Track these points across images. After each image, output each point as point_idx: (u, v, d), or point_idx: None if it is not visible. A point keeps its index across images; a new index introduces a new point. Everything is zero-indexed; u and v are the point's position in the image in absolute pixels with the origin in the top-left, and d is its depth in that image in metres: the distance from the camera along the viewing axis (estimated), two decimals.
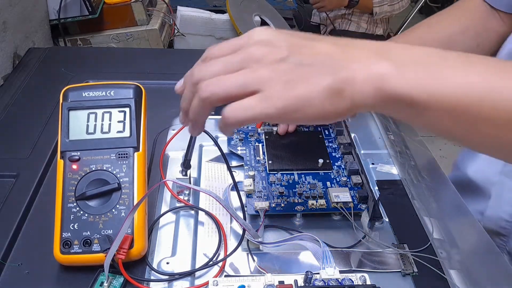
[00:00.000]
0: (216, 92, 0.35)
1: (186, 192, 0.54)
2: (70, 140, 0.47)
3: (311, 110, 0.34)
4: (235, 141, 0.62)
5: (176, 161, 0.59)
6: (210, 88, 0.35)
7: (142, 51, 1.00)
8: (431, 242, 0.49)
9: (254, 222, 0.51)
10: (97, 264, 0.44)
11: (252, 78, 0.34)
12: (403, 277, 0.46)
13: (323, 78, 0.33)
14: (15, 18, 0.83)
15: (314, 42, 0.35)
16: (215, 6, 1.35)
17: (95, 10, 1.03)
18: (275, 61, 0.34)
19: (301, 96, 0.33)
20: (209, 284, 0.41)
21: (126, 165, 0.47)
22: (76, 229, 0.44)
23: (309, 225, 0.52)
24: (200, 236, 0.50)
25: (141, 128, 0.49)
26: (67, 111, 0.48)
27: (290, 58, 0.34)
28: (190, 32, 1.26)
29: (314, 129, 0.64)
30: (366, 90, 0.33)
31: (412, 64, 0.33)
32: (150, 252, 0.48)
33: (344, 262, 0.47)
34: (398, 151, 0.63)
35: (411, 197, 0.55)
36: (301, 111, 0.34)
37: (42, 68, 0.81)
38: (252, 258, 0.47)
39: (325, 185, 0.55)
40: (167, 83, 0.74)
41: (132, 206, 0.45)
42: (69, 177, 0.46)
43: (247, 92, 0.34)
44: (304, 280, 0.41)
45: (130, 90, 0.49)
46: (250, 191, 0.53)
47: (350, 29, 1.84)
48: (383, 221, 0.53)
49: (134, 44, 1.12)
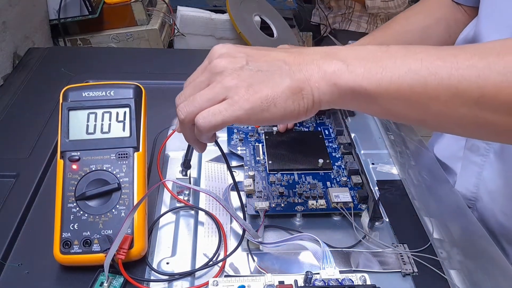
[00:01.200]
0: (190, 111, 0.39)
1: (186, 192, 0.54)
2: (70, 140, 0.47)
3: (276, 109, 0.37)
4: (235, 141, 0.62)
5: (176, 161, 0.59)
6: (185, 109, 0.39)
7: (142, 51, 1.00)
8: (431, 242, 0.49)
9: (254, 222, 0.51)
10: (97, 264, 0.43)
11: (219, 88, 0.38)
12: (403, 277, 0.46)
13: (282, 80, 0.37)
14: (15, 18, 0.83)
15: (269, 52, 0.40)
16: (215, 6, 1.35)
17: (95, 10, 1.03)
18: (236, 69, 0.38)
19: (265, 97, 0.37)
20: (209, 284, 0.41)
21: (126, 165, 0.47)
22: (76, 229, 0.44)
23: (309, 225, 0.52)
24: (200, 236, 0.50)
25: (141, 128, 0.48)
26: (67, 111, 0.48)
27: (249, 65, 0.38)
28: (190, 32, 1.26)
29: (314, 129, 0.64)
30: (323, 87, 0.37)
31: (359, 60, 0.37)
32: (150, 252, 0.48)
33: (344, 262, 0.47)
34: (398, 151, 0.63)
35: (411, 197, 0.55)
36: (267, 111, 0.37)
37: (42, 68, 0.81)
38: (252, 258, 0.47)
39: (325, 185, 0.55)
40: (167, 83, 0.74)
41: (132, 206, 0.45)
42: (69, 177, 0.46)
43: (216, 102, 0.38)
44: (304, 280, 0.41)
45: (130, 90, 0.49)
46: (250, 191, 0.53)
47: (350, 29, 1.84)
48: (383, 221, 0.53)
49: (134, 44, 1.12)
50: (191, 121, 0.39)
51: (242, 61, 0.38)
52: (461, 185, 0.62)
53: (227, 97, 0.38)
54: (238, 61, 0.38)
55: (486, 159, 0.58)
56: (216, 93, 0.38)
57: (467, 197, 0.61)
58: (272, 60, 0.39)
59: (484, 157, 0.58)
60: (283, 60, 0.38)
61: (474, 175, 0.60)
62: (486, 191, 0.59)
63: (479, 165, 0.59)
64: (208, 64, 0.40)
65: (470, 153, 0.60)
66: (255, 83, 0.37)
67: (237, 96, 0.37)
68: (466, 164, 0.61)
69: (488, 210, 0.59)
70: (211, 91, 0.38)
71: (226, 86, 0.38)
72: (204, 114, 0.38)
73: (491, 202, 0.59)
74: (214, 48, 0.41)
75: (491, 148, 0.57)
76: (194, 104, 0.39)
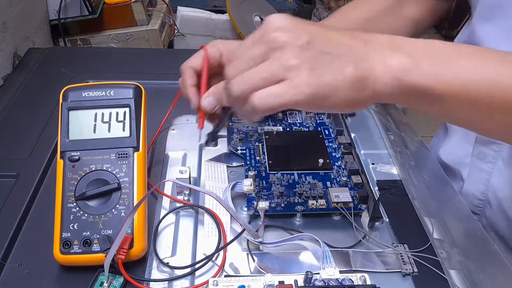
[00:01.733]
0: (244, 89, 0.36)
1: (186, 192, 0.54)
2: (70, 140, 0.47)
3: (338, 98, 0.35)
4: (235, 141, 0.62)
5: (176, 161, 0.59)
6: (238, 86, 0.36)
7: (142, 51, 1.00)
8: (431, 242, 0.49)
9: (254, 222, 0.51)
10: (97, 264, 0.43)
11: (277, 67, 0.35)
12: (403, 277, 0.46)
13: (346, 67, 0.35)
14: (15, 18, 0.83)
15: (332, 33, 0.37)
16: (215, 6, 1.36)
17: (95, 10, 1.03)
18: (297, 47, 0.35)
19: (328, 84, 0.34)
20: (209, 284, 0.41)
21: (126, 165, 0.47)
22: (76, 229, 0.44)
23: (309, 225, 0.52)
24: (200, 236, 0.50)
25: (141, 128, 0.48)
26: (67, 111, 0.48)
27: (312, 45, 0.35)
28: (190, 32, 1.26)
29: (314, 129, 0.64)
30: (386, 80, 0.35)
31: (429, 57, 0.35)
32: (150, 252, 0.48)
33: (344, 262, 0.47)
34: (398, 151, 0.63)
35: (411, 197, 0.55)
36: (329, 98, 0.35)
37: (42, 68, 0.81)
38: (252, 258, 0.47)
39: (325, 185, 0.55)
40: (167, 83, 0.74)
41: (132, 206, 0.45)
42: (69, 177, 0.46)
43: (274, 82, 0.35)
44: (304, 280, 0.41)
45: (130, 90, 0.49)
46: (250, 191, 0.53)
47: None
48: (383, 221, 0.53)
49: (134, 44, 1.12)
50: (244, 98, 0.36)
51: (304, 39, 0.35)
52: (468, 192, 0.61)
53: (286, 78, 0.35)
54: (300, 38, 0.35)
55: (495, 167, 0.57)
56: (274, 72, 0.35)
57: (475, 204, 0.60)
58: (336, 43, 0.36)
59: (493, 164, 0.57)
60: (348, 45, 0.36)
61: (482, 182, 0.59)
62: (495, 198, 0.58)
63: (487, 172, 0.58)
64: (263, 35, 0.36)
65: (478, 160, 0.59)
66: (318, 66, 0.34)
67: (298, 79, 0.34)
68: (473, 170, 0.60)
69: (498, 217, 0.59)
70: (268, 68, 0.35)
71: (286, 65, 0.35)
72: (260, 95, 0.35)
73: (501, 210, 0.58)
74: (270, 19, 0.37)
75: (500, 155, 0.56)
76: (249, 81, 0.36)
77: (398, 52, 0.35)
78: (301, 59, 0.34)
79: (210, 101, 0.47)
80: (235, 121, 0.65)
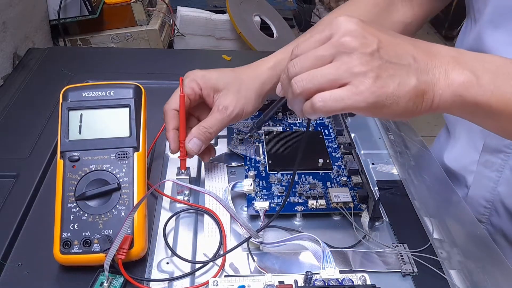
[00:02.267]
0: (308, 88, 0.37)
1: (186, 192, 0.54)
2: (69, 140, 0.47)
3: (396, 108, 0.36)
4: (235, 141, 0.62)
5: (176, 161, 0.59)
6: (303, 84, 0.37)
7: (142, 51, 1.00)
8: (431, 242, 0.49)
9: (254, 222, 0.51)
10: (97, 264, 0.43)
11: (344, 71, 0.36)
12: (403, 277, 0.46)
13: (409, 79, 0.36)
14: (15, 18, 0.83)
15: (399, 40, 0.38)
16: (215, 6, 1.35)
17: (95, 10, 1.03)
18: (366, 54, 0.36)
19: (391, 94, 0.36)
20: (209, 284, 0.41)
21: (126, 165, 0.47)
22: (76, 229, 0.44)
23: (309, 225, 0.52)
24: (200, 236, 0.50)
25: (141, 128, 0.48)
26: (67, 111, 0.48)
27: (379, 53, 0.36)
28: (190, 32, 1.26)
29: (314, 129, 0.64)
30: (446, 95, 0.36)
31: (490, 73, 0.36)
32: (150, 252, 0.48)
33: (344, 262, 0.47)
34: (398, 151, 0.63)
35: (411, 197, 0.55)
36: (388, 108, 0.36)
37: (42, 68, 0.81)
38: (252, 258, 0.47)
39: (325, 185, 0.55)
40: (167, 83, 0.74)
41: (132, 206, 0.45)
42: (69, 177, 0.46)
43: (338, 85, 0.36)
44: (304, 280, 0.41)
45: (130, 90, 0.49)
46: (250, 191, 0.53)
47: None
48: (383, 221, 0.53)
49: (134, 44, 1.12)
50: (306, 97, 0.37)
51: (373, 46, 0.36)
52: (473, 199, 0.60)
53: (351, 83, 0.36)
54: (369, 45, 0.36)
55: (502, 175, 0.57)
56: (340, 76, 0.36)
57: (480, 212, 0.60)
58: (402, 53, 0.37)
59: (500, 173, 0.57)
60: (413, 56, 0.37)
61: (487, 190, 0.59)
62: (502, 207, 0.58)
63: (494, 180, 0.58)
64: (331, 37, 0.37)
65: (484, 169, 0.58)
66: (383, 75, 0.36)
67: (362, 86, 0.35)
68: (479, 178, 0.60)
69: (508, 226, 0.58)
70: (335, 72, 0.36)
71: (353, 71, 0.35)
72: (324, 97, 0.36)
73: (510, 218, 0.58)
74: (341, 21, 0.37)
75: (507, 164, 0.56)
76: (314, 81, 0.37)
77: (459, 68, 0.36)
78: (369, 67, 0.35)
79: (196, 142, 0.51)
80: None
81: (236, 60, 0.86)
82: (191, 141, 0.52)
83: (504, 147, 0.56)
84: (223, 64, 0.85)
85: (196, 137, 0.52)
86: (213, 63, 0.86)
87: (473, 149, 0.60)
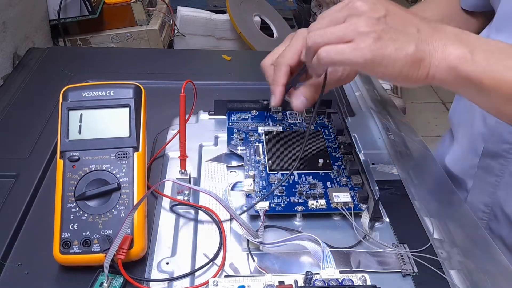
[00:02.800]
0: (318, 41, 0.42)
1: (186, 192, 0.54)
2: (69, 140, 0.47)
3: (392, 70, 0.39)
4: (235, 141, 0.62)
5: (176, 161, 0.59)
6: (314, 38, 0.42)
7: (142, 51, 1.00)
8: (431, 242, 0.49)
9: (254, 222, 0.51)
10: (97, 264, 0.43)
11: (351, 30, 0.40)
12: (403, 277, 0.46)
13: (408, 45, 0.39)
14: (15, 18, 0.83)
15: (407, 13, 0.42)
16: (215, 6, 1.35)
17: (95, 10, 1.03)
18: (373, 18, 0.40)
19: (388, 55, 0.39)
20: (209, 284, 0.41)
21: (126, 165, 0.47)
22: (76, 229, 0.44)
23: (309, 225, 0.52)
24: (200, 236, 0.50)
25: (140, 128, 0.48)
26: (67, 111, 0.48)
27: (385, 19, 0.40)
28: (190, 32, 1.26)
29: (314, 129, 0.64)
30: (441, 66, 0.39)
31: (486, 52, 0.39)
32: (150, 252, 0.47)
33: (344, 262, 0.47)
34: (398, 151, 0.63)
35: (411, 197, 0.55)
36: (384, 68, 0.39)
37: (42, 68, 0.81)
38: (252, 258, 0.47)
39: (325, 185, 0.55)
40: (167, 83, 0.74)
41: (132, 206, 0.45)
42: (69, 177, 0.46)
43: (343, 41, 0.40)
44: (304, 280, 0.41)
45: (130, 90, 0.49)
46: (250, 191, 0.53)
47: None
48: (383, 221, 0.53)
49: (134, 44, 1.12)
50: (315, 50, 0.42)
51: (381, 12, 0.40)
52: (472, 204, 0.60)
53: (354, 41, 0.39)
54: (377, 11, 0.40)
55: (501, 180, 0.57)
56: (346, 33, 0.40)
57: (479, 216, 0.60)
58: (407, 22, 0.40)
59: (499, 177, 0.57)
60: (417, 26, 0.40)
61: (487, 195, 0.59)
62: (501, 212, 0.58)
63: (493, 185, 0.58)
64: (348, 2, 0.42)
65: (484, 173, 0.59)
66: (384, 38, 0.39)
67: (363, 44, 0.39)
68: (478, 182, 0.60)
69: (507, 231, 0.58)
70: (340, 29, 0.40)
71: (358, 30, 0.39)
72: (328, 49, 0.41)
73: (508, 224, 0.58)
74: None
75: (507, 169, 0.56)
76: (323, 37, 0.41)
77: (458, 44, 0.39)
78: (372, 29, 0.39)
79: (303, 102, 0.52)
80: (235, 122, 0.65)
81: (236, 60, 0.86)
82: (300, 99, 0.52)
83: (503, 152, 0.56)
84: (223, 64, 0.85)
85: (303, 95, 0.52)
86: (213, 63, 0.86)
87: (473, 153, 0.60)
